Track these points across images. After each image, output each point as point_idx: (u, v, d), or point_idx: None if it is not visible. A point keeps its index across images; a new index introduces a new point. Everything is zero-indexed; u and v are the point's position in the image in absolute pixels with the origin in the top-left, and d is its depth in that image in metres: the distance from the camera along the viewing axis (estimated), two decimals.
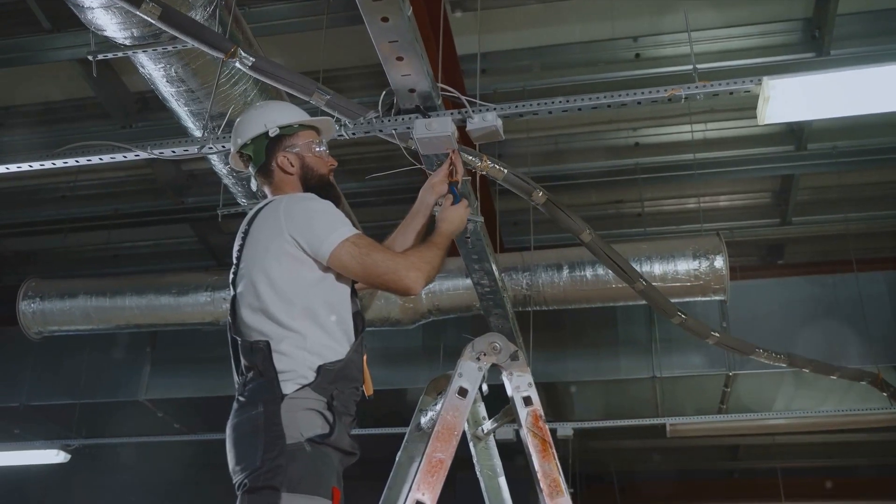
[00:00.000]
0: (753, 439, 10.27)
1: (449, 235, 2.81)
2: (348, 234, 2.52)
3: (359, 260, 2.50)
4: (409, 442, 3.15)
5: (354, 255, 2.50)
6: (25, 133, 6.79)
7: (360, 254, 2.50)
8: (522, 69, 6.27)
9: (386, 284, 2.56)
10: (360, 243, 2.52)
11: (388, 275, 2.52)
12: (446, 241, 2.78)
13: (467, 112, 3.56)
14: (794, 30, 5.95)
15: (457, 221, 2.88)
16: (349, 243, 2.50)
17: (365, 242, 2.54)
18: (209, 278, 6.59)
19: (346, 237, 2.51)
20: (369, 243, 2.55)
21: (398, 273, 2.52)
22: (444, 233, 2.80)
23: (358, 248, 2.51)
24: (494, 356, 2.84)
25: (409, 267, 2.54)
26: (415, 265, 2.56)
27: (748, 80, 3.47)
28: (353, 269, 2.52)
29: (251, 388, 2.43)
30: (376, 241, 2.63)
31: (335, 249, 2.49)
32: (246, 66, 3.39)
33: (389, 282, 2.54)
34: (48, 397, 8.42)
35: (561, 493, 2.64)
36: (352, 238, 2.52)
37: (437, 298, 6.24)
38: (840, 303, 7.26)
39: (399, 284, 2.54)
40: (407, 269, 2.53)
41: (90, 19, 3.81)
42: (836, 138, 6.75)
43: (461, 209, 2.93)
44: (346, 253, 2.49)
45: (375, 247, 2.56)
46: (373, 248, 2.54)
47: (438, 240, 2.75)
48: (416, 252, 2.67)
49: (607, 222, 7.78)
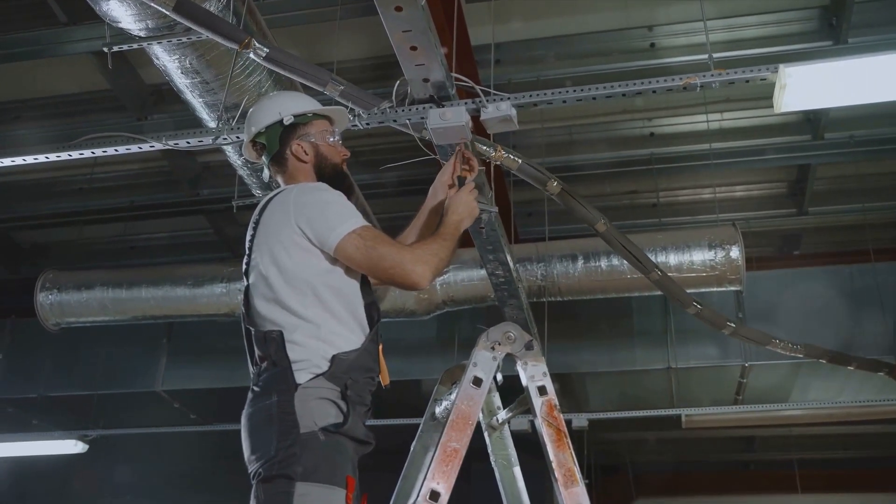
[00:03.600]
0: (769, 430, 10.22)
1: (456, 225, 2.72)
2: (355, 225, 2.49)
3: (364, 252, 2.46)
4: (423, 432, 3.15)
5: (360, 248, 2.46)
6: (41, 125, 6.83)
7: (366, 246, 2.46)
8: (536, 59, 6.25)
9: (392, 278, 2.51)
10: (367, 235, 2.48)
11: (393, 268, 2.47)
12: (455, 232, 2.70)
13: (481, 102, 3.56)
14: (811, 17, 5.90)
15: (462, 209, 2.76)
16: (355, 235, 2.47)
17: (371, 235, 2.50)
18: (224, 270, 6.61)
19: (353, 229, 2.48)
20: (376, 236, 2.51)
21: (404, 267, 2.46)
22: (450, 223, 2.70)
23: (364, 240, 2.47)
24: (509, 346, 2.83)
25: (415, 260, 2.48)
26: (421, 258, 2.50)
27: (764, 69, 3.45)
28: (359, 262, 2.48)
29: (265, 377, 2.43)
30: (385, 234, 2.58)
31: (341, 241, 2.46)
32: (260, 57, 3.39)
33: (395, 276, 2.48)
34: (66, 388, 8.49)
35: (576, 482, 2.64)
36: (358, 230, 2.48)
37: (452, 289, 6.23)
38: (857, 293, 7.21)
39: (405, 279, 2.48)
40: (413, 263, 2.47)
41: (105, 11, 3.83)
42: (854, 127, 6.70)
43: (464, 195, 2.81)
44: (352, 245, 2.46)
45: (382, 240, 2.51)
46: (379, 241, 2.49)
47: (445, 231, 2.67)
48: (423, 245, 2.59)
49: (622, 212, 7.76)
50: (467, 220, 2.77)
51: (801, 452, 10.75)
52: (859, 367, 6.32)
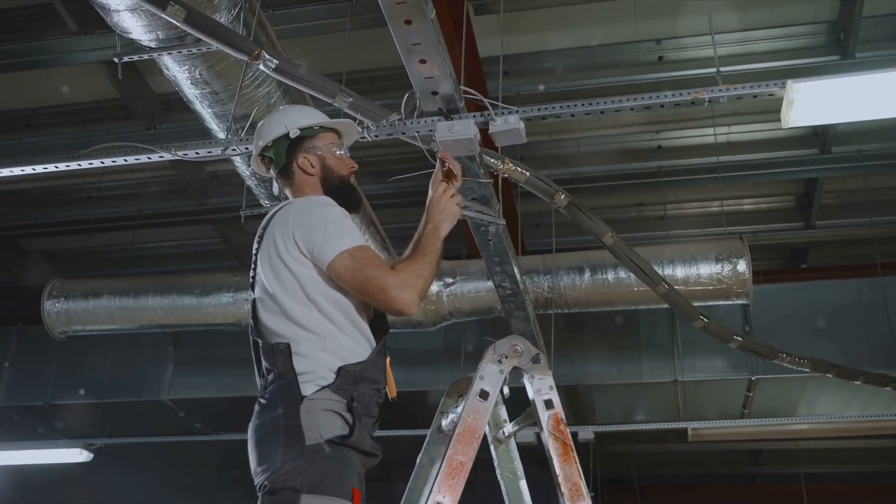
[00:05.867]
0: (776, 444, 10.20)
1: (434, 232, 2.60)
2: (349, 245, 2.44)
3: (353, 274, 2.42)
4: (429, 444, 3.15)
5: (349, 269, 2.42)
6: (52, 134, 6.88)
7: (355, 268, 2.41)
8: (545, 71, 6.27)
9: (377, 304, 2.46)
10: (358, 256, 2.43)
11: (377, 294, 2.41)
12: (434, 241, 2.58)
13: (490, 114, 3.56)
14: (819, 32, 5.92)
15: (437, 215, 2.63)
16: (347, 255, 2.43)
17: (363, 256, 2.44)
18: (232, 279, 6.62)
19: (346, 248, 2.43)
20: (367, 257, 2.44)
21: (388, 293, 2.39)
22: (428, 233, 2.60)
23: (354, 261, 2.42)
24: (516, 359, 2.83)
25: (399, 286, 2.40)
26: (406, 283, 2.41)
27: (772, 83, 3.45)
28: (348, 283, 2.44)
29: (272, 389, 2.44)
30: (378, 256, 2.51)
31: (332, 260, 2.43)
32: (270, 69, 3.41)
33: (381, 302, 2.43)
34: (71, 396, 8.48)
35: (582, 497, 2.63)
36: (351, 250, 2.43)
37: (459, 301, 6.24)
38: (865, 307, 7.19)
39: (390, 306, 2.42)
40: (399, 290, 2.39)
41: (116, 22, 3.84)
42: (861, 141, 6.70)
43: (439, 200, 2.67)
44: (342, 265, 2.42)
45: (372, 262, 2.43)
46: (368, 264, 2.42)
47: (426, 244, 2.57)
48: (407, 267, 2.48)
49: (629, 225, 7.76)
50: (446, 224, 2.64)
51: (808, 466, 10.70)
52: (866, 381, 6.30)
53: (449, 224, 2.65)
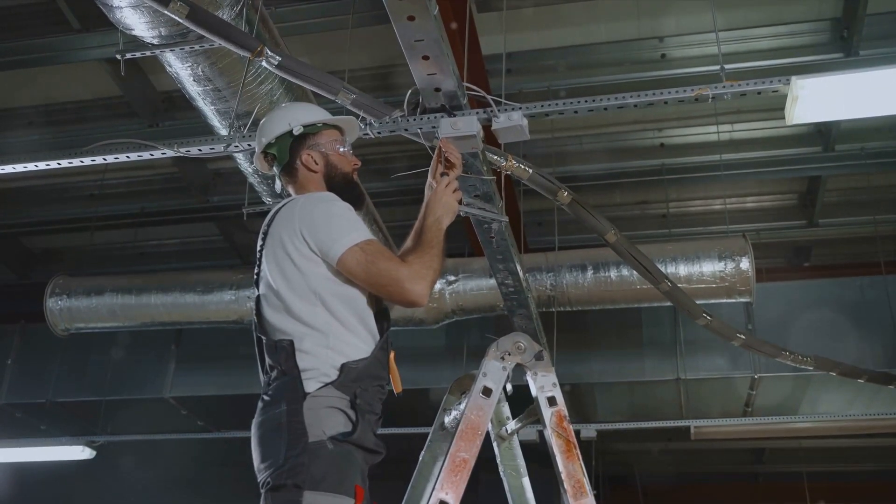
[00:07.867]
0: (779, 443, 10.19)
1: (435, 226, 2.64)
2: (359, 239, 2.46)
3: (364, 267, 2.44)
4: (432, 441, 3.15)
5: (360, 262, 2.44)
6: (54, 131, 6.86)
7: (367, 261, 2.43)
8: (548, 69, 6.26)
9: (390, 296, 2.48)
10: (369, 249, 2.45)
11: (391, 286, 2.44)
12: (437, 234, 2.62)
13: (493, 111, 3.56)
14: (823, 30, 5.90)
15: (438, 209, 2.69)
16: (357, 249, 2.44)
17: (373, 249, 2.46)
18: (234, 277, 6.62)
19: (356, 242, 2.45)
20: (377, 251, 2.47)
21: (402, 285, 2.42)
22: (430, 227, 2.63)
23: (365, 254, 2.44)
24: (519, 356, 2.83)
25: (413, 278, 2.43)
26: (418, 274, 2.45)
27: (776, 80, 3.44)
28: (359, 276, 2.46)
29: (275, 386, 2.43)
30: (387, 249, 2.54)
31: (343, 254, 2.44)
32: (272, 65, 3.41)
33: (394, 293, 2.46)
34: (74, 394, 8.49)
35: (585, 493, 2.63)
36: (361, 244, 2.45)
37: (461, 298, 6.23)
38: (868, 305, 7.18)
39: (403, 297, 2.45)
40: (412, 282, 2.43)
41: (119, 19, 3.84)
42: (865, 139, 6.69)
43: (439, 193, 2.73)
44: (353, 259, 2.44)
45: (383, 255, 2.47)
46: (379, 257, 2.45)
47: (429, 237, 2.60)
48: (417, 259, 2.51)
49: (632, 223, 7.75)
50: (446, 218, 2.69)
51: (811, 465, 10.70)
52: (869, 379, 6.29)
53: (450, 218, 2.70)
